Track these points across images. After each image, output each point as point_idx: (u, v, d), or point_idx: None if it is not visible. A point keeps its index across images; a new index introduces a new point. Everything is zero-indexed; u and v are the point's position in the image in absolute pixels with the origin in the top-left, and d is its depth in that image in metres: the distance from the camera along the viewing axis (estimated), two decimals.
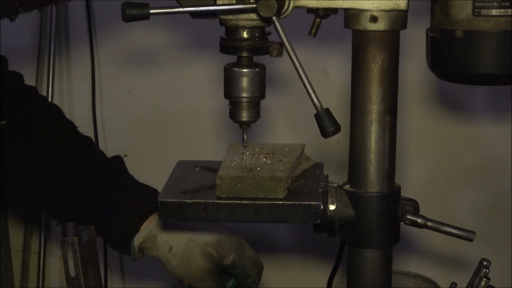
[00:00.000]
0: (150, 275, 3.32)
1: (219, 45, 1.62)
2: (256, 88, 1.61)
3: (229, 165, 1.64)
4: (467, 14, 1.52)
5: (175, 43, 3.10)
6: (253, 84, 1.61)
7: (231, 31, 1.59)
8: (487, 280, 1.68)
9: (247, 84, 1.60)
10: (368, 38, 1.53)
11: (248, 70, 1.60)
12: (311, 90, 1.50)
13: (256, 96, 1.61)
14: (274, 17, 1.49)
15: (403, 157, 2.95)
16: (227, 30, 1.61)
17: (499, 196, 3.05)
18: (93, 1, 3.12)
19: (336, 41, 2.83)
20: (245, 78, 1.60)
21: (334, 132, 1.48)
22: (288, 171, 1.61)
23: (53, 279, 3.42)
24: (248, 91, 1.61)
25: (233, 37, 1.59)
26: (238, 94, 1.61)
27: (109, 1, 1.55)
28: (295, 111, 2.99)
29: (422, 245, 3.04)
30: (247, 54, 1.60)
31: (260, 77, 1.61)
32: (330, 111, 1.49)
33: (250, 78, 1.60)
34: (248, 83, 1.60)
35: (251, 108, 1.62)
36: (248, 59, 1.60)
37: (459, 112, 3.05)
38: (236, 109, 1.62)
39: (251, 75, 1.60)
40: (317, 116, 1.49)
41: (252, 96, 1.61)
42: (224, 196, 1.57)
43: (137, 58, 3.13)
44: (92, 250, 1.68)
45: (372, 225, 1.57)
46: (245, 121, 1.63)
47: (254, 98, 1.61)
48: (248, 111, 1.62)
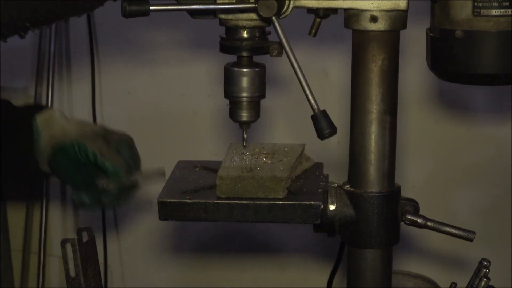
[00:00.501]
0: (150, 275, 3.32)
1: (219, 45, 1.61)
2: (256, 87, 1.61)
3: (229, 165, 1.64)
4: (467, 14, 1.52)
5: (175, 43, 3.10)
6: (253, 84, 1.61)
7: (231, 31, 1.59)
8: (487, 280, 1.68)
9: (247, 84, 1.60)
10: (368, 38, 1.53)
11: (248, 70, 1.60)
12: (309, 92, 1.50)
13: (256, 95, 1.61)
14: (273, 17, 1.49)
15: (403, 157, 2.95)
16: (227, 30, 1.61)
17: (499, 196, 3.05)
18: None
19: (336, 41, 2.83)
20: (245, 77, 1.60)
21: (330, 134, 1.48)
22: (288, 171, 1.61)
23: (53, 279, 3.42)
24: (248, 90, 1.61)
25: (233, 37, 1.59)
26: (238, 94, 1.61)
27: (109, 1, 1.55)
28: (295, 111, 2.99)
29: (422, 245, 3.04)
30: (247, 54, 1.60)
31: (260, 77, 1.61)
32: (327, 113, 1.49)
33: (250, 77, 1.60)
34: (248, 82, 1.60)
35: (251, 108, 1.62)
36: (248, 59, 1.60)
37: (459, 112, 3.05)
38: (236, 108, 1.62)
39: (251, 74, 1.60)
40: (314, 117, 1.49)
41: (252, 96, 1.61)
42: (224, 196, 1.57)
43: (137, 58, 3.13)
44: (92, 250, 1.68)
45: (372, 225, 1.57)
46: (245, 121, 1.63)
47: (254, 98, 1.61)
48: (248, 110, 1.62)
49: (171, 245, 3.31)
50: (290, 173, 1.62)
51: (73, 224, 3.35)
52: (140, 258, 3.33)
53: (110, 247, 3.26)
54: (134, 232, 3.31)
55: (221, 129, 2.99)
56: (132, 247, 3.33)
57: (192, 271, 3.30)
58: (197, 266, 3.29)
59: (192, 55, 3.10)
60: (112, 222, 3.30)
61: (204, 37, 2.93)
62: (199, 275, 3.29)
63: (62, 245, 1.63)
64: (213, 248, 3.27)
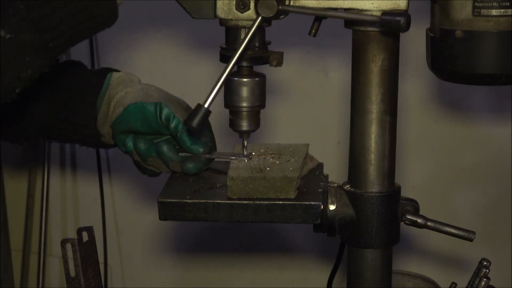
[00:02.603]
0: (150, 275, 3.33)
1: (219, 54, 1.61)
2: (256, 97, 1.61)
3: (237, 165, 1.64)
4: (467, 14, 1.52)
5: (175, 43, 3.10)
6: (253, 94, 1.61)
7: (231, 40, 1.59)
8: (487, 280, 1.68)
9: (247, 94, 1.60)
10: (368, 38, 1.53)
11: (248, 80, 1.60)
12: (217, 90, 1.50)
13: (256, 105, 1.62)
14: (260, 17, 1.49)
15: (403, 157, 2.95)
16: (227, 38, 1.60)
17: (499, 196, 3.05)
18: None
19: (336, 41, 2.83)
20: (245, 87, 1.60)
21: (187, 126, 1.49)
22: (298, 171, 1.61)
23: (53, 279, 3.42)
24: (248, 100, 1.61)
25: (233, 47, 1.59)
26: (238, 104, 1.61)
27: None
28: (295, 111, 2.99)
29: (422, 245, 3.04)
30: (247, 63, 1.60)
31: (260, 87, 1.61)
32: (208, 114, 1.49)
33: (250, 87, 1.60)
34: (248, 92, 1.60)
35: (251, 117, 1.62)
36: (248, 69, 1.60)
37: (459, 112, 3.05)
38: (236, 118, 1.62)
39: (251, 84, 1.60)
40: (197, 106, 1.50)
41: (252, 106, 1.61)
42: (235, 197, 1.57)
43: (137, 58, 3.13)
44: (92, 250, 1.67)
45: (372, 225, 1.57)
46: (245, 131, 1.64)
47: (254, 108, 1.62)
48: (248, 120, 1.62)
49: (171, 245, 3.31)
50: (300, 173, 1.62)
51: (73, 224, 3.35)
52: (140, 258, 3.33)
53: (110, 247, 3.26)
54: (134, 232, 3.31)
55: (221, 129, 2.99)
56: (132, 247, 3.34)
57: (192, 271, 3.30)
58: (197, 266, 3.29)
59: (192, 55, 3.10)
60: (112, 222, 3.30)
61: (204, 37, 2.94)
62: (199, 275, 3.29)
63: (62, 245, 1.63)
64: (213, 248, 3.27)
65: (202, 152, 1.73)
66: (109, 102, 1.82)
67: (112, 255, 3.27)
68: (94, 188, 3.25)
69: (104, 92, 1.85)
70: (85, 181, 3.34)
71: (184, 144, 1.74)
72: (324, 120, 2.97)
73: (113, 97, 1.82)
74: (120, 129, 1.79)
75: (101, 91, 1.85)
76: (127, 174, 3.23)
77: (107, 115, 1.83)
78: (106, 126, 1.83)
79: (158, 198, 1.59)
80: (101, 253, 3.18)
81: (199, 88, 3.12)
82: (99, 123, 1.84)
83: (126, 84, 1.85)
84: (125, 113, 1.79)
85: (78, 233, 1.65)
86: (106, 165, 3.27)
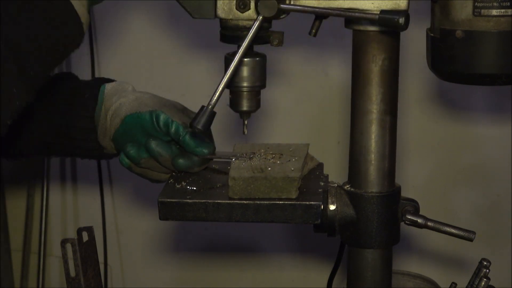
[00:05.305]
0: (150, 275, 3.32)
1: (219, 34, 1.60)
2: (257, 77, 1.60)
3: (238, 165, 1.64)
4: (467, 14, 1.52)
5: (175, 43, 3.10)
6: (254, 74, 1.60)
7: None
8: (487, 280, 1.68)
9: (248, 74, 1.59)
10: (368, 38, 1.53)
11: (248, 60, 1.59)
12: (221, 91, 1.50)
13: (256, 85, 1.61)
14: (260, 17, 1.48)
15: (403, 157, 2.95)
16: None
17: (499, 196, 3.05)
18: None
19: (336, 41, 2.83)
20: (246, 67, 1.59)
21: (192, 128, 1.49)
22: (299, 171, 1.61)
23: (53, 279, 3.42)
24: (248, 80, 1.60)
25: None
26: (238, 84, 1.60)
27: (110, 2, 1.55)
28: (295, 111, 2.99)
29: (422, 245, 3.04)
30: None
31: (261, 67, 1.60)
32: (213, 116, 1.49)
33: (251, 67, 1.59)
34: (248, 72, 1.59)
35: (252, 97, 1.61)
36: (249, 49, 1.59)
37: (459, 112, 3.05)
38: (236, 98, 1.61)
39: (252, 64, 1.59)
40: (201, 109, 1.49)
41: (252, 86, 1.60)
42: (236, 197, 1.57)
43: (137, 59, 3.13)
44: (92, 250, 1.67)
45: (372, 225, 1.57)
46: (245, 111, 1.63)
47: (254, 88, 1.61)
48: (248, 100, 1.61)
49: (171, 245, 3.31)
50: (301, 173, 1.62)
51: (73, 224, 3.35)
52: (140, 258, 3.33)
53: (110, 247, 3.26)
54: (134, 232, 3.31)
55: (221, 129, 2.99)
56: (132, 247, 3.34)
57: (192, 271, 3.30)
58: (197, 266, 3.29)
59: (192, 55, 3.10)
60: (112, 222, 3.30)
61: (204, 37, 2.94)
62: (199, 275, 3.29)
63: (62, 245, 1.63)
64: (212, 248, 3.27)
65: (207, 153, 1.72)
66: (106, 115, 1.83)
67: (112, 255, 3.27)
68: (94, 188, 3.25)
69: (100, 106, 1.84)
70: (85, 181, 3.34)
71: (189, 147, 1.73)
72: (324, 120, 2.97)
73: (108, 108, 1.82)
74: (122, 143, 1.79)
75: (97, 106, 1.85)
76: (127, 174, 3.22)
77: (105, 128, 1.83)
78: (106, 139, 1.84)
79: (158, 198, 1.59)
80: (101, 253, 3.18)
81: (199, 88, 3.13)
82: (99, 137, 1.85)
83: (119, 95, 1.85)
84: (123, 126, 1.79)
85: (78, 233, 1.65)
86: (107, 165, 3.27)
